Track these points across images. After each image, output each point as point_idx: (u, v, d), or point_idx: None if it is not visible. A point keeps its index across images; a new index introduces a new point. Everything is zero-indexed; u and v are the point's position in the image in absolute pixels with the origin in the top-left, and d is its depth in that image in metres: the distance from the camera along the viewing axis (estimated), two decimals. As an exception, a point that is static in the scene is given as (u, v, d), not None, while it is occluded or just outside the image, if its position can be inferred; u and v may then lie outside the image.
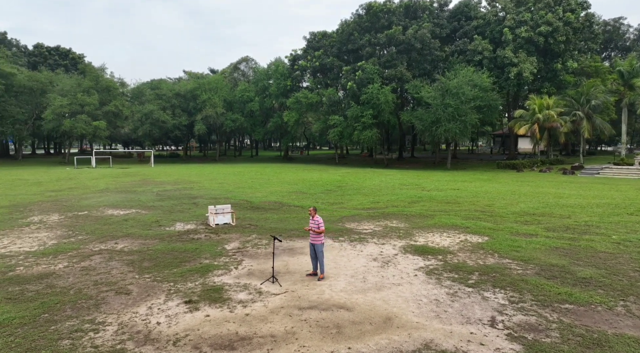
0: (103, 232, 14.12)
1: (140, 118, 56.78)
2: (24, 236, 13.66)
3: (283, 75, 59.49)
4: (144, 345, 6.33)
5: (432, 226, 15.05)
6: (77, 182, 31.37)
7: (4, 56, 61.63)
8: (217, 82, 61.89)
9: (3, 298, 8.17)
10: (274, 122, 59.94)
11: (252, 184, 29.13)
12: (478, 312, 7.65)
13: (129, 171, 43.43)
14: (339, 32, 56.22)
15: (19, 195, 23.73)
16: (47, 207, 19.55)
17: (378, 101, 45.80)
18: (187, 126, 60.32)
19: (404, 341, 6.57)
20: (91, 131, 53.07)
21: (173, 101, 60.41)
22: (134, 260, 10.82)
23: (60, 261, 10.75)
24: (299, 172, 40.16)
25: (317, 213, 9.85)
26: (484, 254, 11.43)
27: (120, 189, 26.87)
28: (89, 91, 55.70)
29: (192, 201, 21.29)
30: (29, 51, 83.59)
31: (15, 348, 6.19)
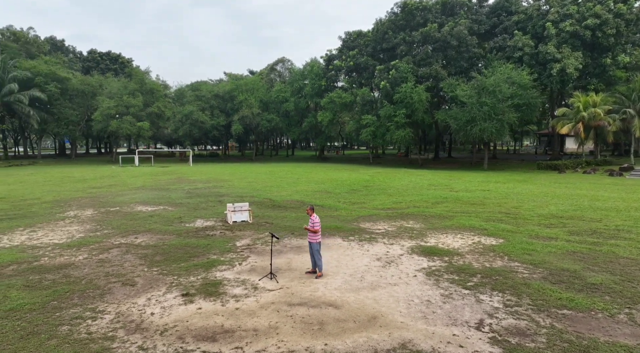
0: (127, 227, 14.94)
1: (181, 119, 59.03)
2: (57, 229, 14.71)
3: (318, 75, 59.88)
4: (133, 334, 6.73)
5: (448, 228, 14.76)
6: (118, 180, 33.17)
7: (61, 61, 66.14)
8: (253, 83, 63.23)
9: (22, 285, 8.91)
10: (308, 122, 60.45)
11: (280, 184, 29.61)
12: (467, 314, 7.50)
13: (168, 169, 45.35)
14: (373, 31, 55.90)
15: (64, 191, 25.45)
16: (85, 203, 20.88)
17: (411, 100, 45.11)
18: (224, 126, 62.07)
19: (381, 340, 6.59)
20: (135, 131, 55.84)
21: (212, 102, 62.34)
22: (147, 254, 11.41)
23: (82, 253, 11.53)
24: (330, 172, 40.31)
25: (317, 213, 9.97)
26: (494, 257, 11.11)
27: (155, 186, 28.16)
28: (134, 93, 58.63)
29: (218, 199, 21.99)
30: (83, 57, 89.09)
31: (19, 331, 6.77)
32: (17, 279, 9.30)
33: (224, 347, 6.31)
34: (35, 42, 71.31)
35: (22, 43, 68.93)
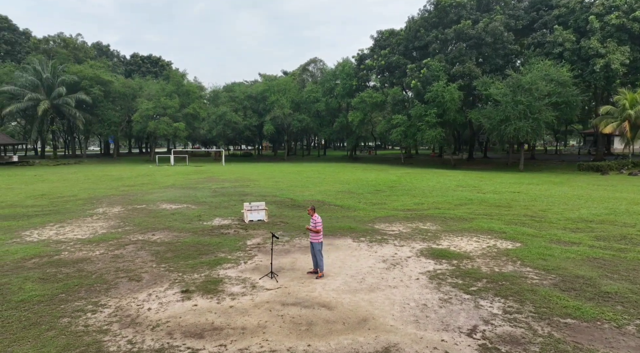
0: (148, 224, 15.50)
1: (215, 119, 60.53)
2: (84, 225, 15.47)
3: (349, 75, 59.72)
4: (126, 328, 6.98)
5: (465, 230, 14.33)
6: (152, 178, 34.46)
7: (105, 65, 69.45)
8: (285, 83, 63.88)
9: (38, 277, 9.45)
10: (339, 122, 60.40)
11: (305, 183, 29.75)
12: (461, 320, 7.26)
13: (200, 169, 46.63)
14: (406, 29, 55.07)
15: (99, 189, 26.74)
16: (115, 200, 21.83)
17: (443, 100, 44.09)
18: (257, 126, 63.09)
19: (366, 343, 6.50)
20: (172, 132, 57.81)
21: (245, 102, 63.53)
22: (160, 251, 11.79)
23: (99, 248, 12.07)
24: (358, 172, 40.09)
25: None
26: (506, 261, 10.68)
27: (185, 185, 29.04)
28: (171, 95, 60.71)
29: (241, 198, 22.37)
30: (126, 60, 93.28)
31: (24, 322, 7.18)
32: (35, 272, 9.87)
33: (209, 344, 6.42)
34: (83, 48, 75.30)
35: (71, 49, 72.97)
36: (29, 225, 15.53)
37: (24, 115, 63.07)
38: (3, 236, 13.65)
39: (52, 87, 58.66)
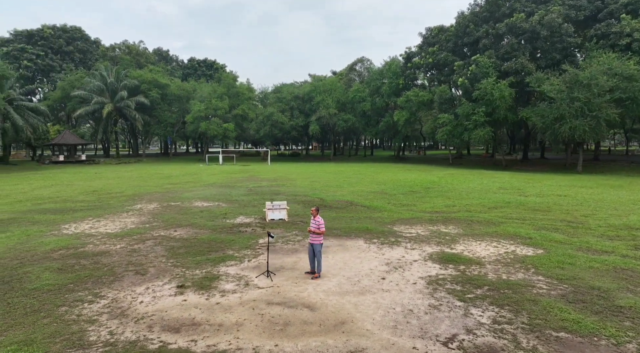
0: (174, 221, 16.23)
1: (262, 120, 62.03)
2: (117, 220, 16.52)
3: (396, 74, 58.73)
4: (113, 319, 7.38)
5: (488, 235, 13.61)
6: (197, 177, 36.01)
7: (163, 70, 73.57)
8: (331, 84, 64.06)
9: (57, 268, 10.23)
10: (385, 122, 59.55)
11: (341, 183, 29.67)
12: (443, 328, 6.93)
13: (246, 168, 48.01)
14: (455, 25, 53.17)
15: (145, 186, 28.38)
16: (155, 197, 23.07)
17: (492, 97, 42.03)
18: (303, 126, 63.81)
19: (334, 346, 6.40)
20: (221, 132, 60.02)
21: (292, 103, 64.52)
22: (174, 247, 12.31)
23: (122, 242, 12.83)
24: (399, 172, 39.32)
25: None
26: (518, 268, 10.02)
27: (224, 184, 30.04)
28: (222, 97, 63.03)
29: (272, 197, 22.74)
30: (184, 64, 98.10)
31: (27, 308, 7.82)
32: (57, 262, 10.70)
33: (181, 339, 6.63)
34: (144, 54, 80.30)
35: (134, 55, 78.07)
36: (71, 218, 16.84)
37: (92, 117, 68.32)
38: (45, 228, 14.92)
39: (116, 91, 63.06)
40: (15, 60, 71.51)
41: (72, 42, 78.93)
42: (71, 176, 37.53)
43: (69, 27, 79.71)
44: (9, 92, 55.16)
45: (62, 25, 79.40)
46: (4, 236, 13.66)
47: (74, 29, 79.58)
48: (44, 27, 77.06)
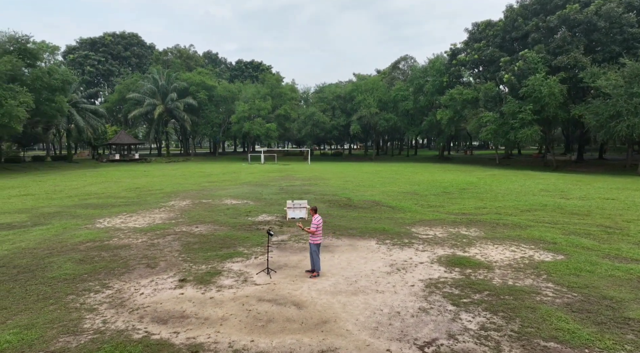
0: (199, 217, 16.86)
1: (304, 120, 62.69)
2: (148, 216, 17.42)
3: (439, 71, 57.21)
4: (111, 309, 7.84)
5: (509, 238, 12.99)
6: (235, 176, 37.08)
7: (210, 72, 76.36)
8: (373, 83, 63.52)
9: (79, 259, 11.00)
10: (428, 121, 58.17)
11: (374, 183, 29.40)
12: (425, 332, 6.75)
13: (285, 167, 48.76)
14: (504, 19, 50.87)
15: (184, 184, 29.65)
16: (190, 194, 24.05)
17: (540, 94, 39.79)
18: (344, 126, 63.76)
19: (308, 344, 6.43)
20: (264, 132, 61.37)
21: (333, 103, 64.67)
22: (190, 242, 12.81)
23: (144, 237, 13.54)
24: (438, 173, 38.29)
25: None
26: (529, 274, 9.51)
27: (258, 182, 30.72)
28: (265, 97, 64.42)
29: (301, 196, 22.94)
30: (232, 66, 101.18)
31: (40, 295, 8.48)
32: (81, 254, 11.49)
33: (165, 330, 6.93)
34: (194, 57, 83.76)
35: (184, 58, 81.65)
36: (108, 213, 17.98)
37: (145, 118, 72.25)
38: (82, 222, 16.05)
39: (166, 93, 66.29)
40: (80, 66, 77.20)
41: (129, 48, 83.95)
42: (121, 174, 39.97)
43: (127, 33, 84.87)
44: (72, 96, 59.67)
45: (121, 32, 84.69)
46: (45, 229, 14.85)
47: (131, 36, 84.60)
48: (105, 35, 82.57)
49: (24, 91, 42.11)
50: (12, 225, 15.70)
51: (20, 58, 45.80)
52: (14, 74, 43.43)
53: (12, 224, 15.93)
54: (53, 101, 49.28)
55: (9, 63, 42.29)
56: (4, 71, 41.50)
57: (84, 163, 60.32)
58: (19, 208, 19.52)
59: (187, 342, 6.50)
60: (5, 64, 41.90)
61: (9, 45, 48.44)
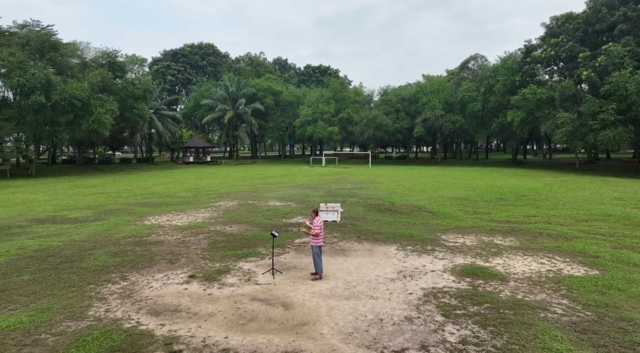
0: (237, 217, 17.62)
1: (367, 123, 62.38)
2: (192, 215, 18.57)
3: (511, 70, 53.75)
4: (118, 299, 8.54)
5: (545, 250, 11.98)
6: (291, 178, 37.99)
7: (277, 77, 79.00)
8: (439, 83, 61.43)
9: (114, 252, 12.09)
10: (498, 123, 54.81)
11: (425, 188, 28.49)
12: (398, 341, 6.55)
13: (343, 170, 48.90)
14: (587, 10, 46.56)
15: (240, 185, 31.05)
16: (241, 195, 25.17)
17: (626, 92, 35.73)
18: (408, 129, 62.34)
19: (276, 345, 6.54)
20: (326, 135, 62.09)
21: (397, 105, 63.56)
22: (217, 241, 13.47)
23: (179, 234, 14.48)
24: (501, 178, 36.02)
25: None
26: (547, 289, 8.74)
27: (310, 185, 31.22)
28: (329, 101, 65.17)
29: (345, 199, 22.98)
30: (300, 72, 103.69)
31: (68, 283, 9.47)
32: (118, 248, 12.63)
33: (154, 322, 7.43)
34: (263, 64, 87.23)
35: (254, 65, 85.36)
36: (160, 211, 19.46)
37: (217, 123, 76.64)
38: (133, 219, 17.57)
39: (236, 99, 69.78)
40: (162, 75, 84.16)
41: (205, 57, 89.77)
42: (189, 175, 42.86)
43: (204, 44, 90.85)
44: (153, 103, 65.22)
45: (199, 43, 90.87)
46: (100, 224, 16.50)
47: (207, 46, 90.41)
48: (185, 46, 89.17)
49: (110, 100, 46.96)
50: (77, 220, 17.63)
51: (110, 71, 51.12)
52: (104, 85, 48.54)
53: (78, 219, 17.90)
54: (136, 108, 54.30)
55: (99, 76, 47.38)
56: (95, 83, 46.57)
57: (163, 164, 65.47)
58: (89, 205, 21.83)
59: (167, 334, 6.93)
60: (96, 76, 47.04)
61: (102, 59, 54.38)
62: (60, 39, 50.15)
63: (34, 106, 41.23)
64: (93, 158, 63.76)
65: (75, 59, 52.53)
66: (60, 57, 47.60)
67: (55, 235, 14.55)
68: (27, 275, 10.05)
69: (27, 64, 42.00)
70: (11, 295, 8.74)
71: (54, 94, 42.46)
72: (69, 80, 46.09)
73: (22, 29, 48.87)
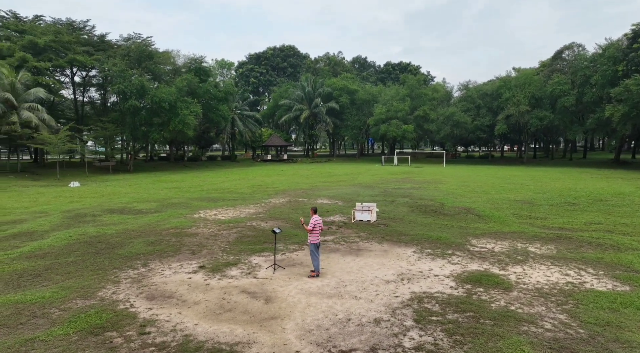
0: (278, 214, 18.26)
1: (443, 120, 59.85)
2: (239, 210, 19.62)
3: (613, 59, 47.71)
4: (128, 283, 9.49)
5: (581, 260, 10.82)
6: (355, 177, 38.00)
7: (354, 76, 79.20)
8: (525, 77, 56.66)
9: (151, 242, 13.36)
10: (595, 119, 49.08)
11: (489, 190, 26.73)
12: (351, 341, 6.55)
13: (413, 169, 47.55)
14: None
15: (300, 183, 31.85)
16: (295, 193, 25.90)
17: None
18: (489, 126, 58.47)
19: (234, 335, 6.88)
20: (400, 134, 60.81)
21: (478, 101, 60.00)
22: (245, 235, 14.18)
23: (215, 228, 15.48)
24: (585, 180, 32.38)
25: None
26: (550, 302, 7.95)
27: (369, 184, 30.99)
28: (404, 99, 63.73)
29: (395, 199, 22.52)
30: (380, 69, 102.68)
31: (98, 266, 10.75)
32: (157, 238, 13.92)
33: (144, 306, 8.19)
34: (341, 63, 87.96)
35: (332, 65, 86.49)
36: (213, 206, 20.88)
37: (295, 122, 79.16)
38: (186, 212, 19.12)
39: (312, 99, 71.44)
40: (246, 78, 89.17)
41: (286, 59, 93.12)
42: (260, 172, 45.01)
43: (285, 46, 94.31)
44: (235, 104, 69.45)
45: (281, 46, 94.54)
46: (156, 215, 18.24)
47: (288, 48, 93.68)
48: (267, 49, 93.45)
49: (194, 102, 51.16)
50: (141, 211, 19.68)
51: (196, 75, 55.65)
52: (190, 88, 52.97)
53: (142, 210, 19.96)
54: (218, 110, 58.44)
55: (185, 80, 51.82)
56: (181, 87, 51.03)
57: (244, 162, 69.45)
58: (158, 198, 24.16)
59: (148, 317, 7.62)
60: (182, 81, 51.52)
61: (190, 65, 59.42)
62: (157, 49, 55.98)
63: (130, 109, 46.56)
64: (183, 155, 69.87)
65: (169, 65, 58.12)
66: (154, 65, 52.90)
67: (115, 223, 16.44)
68: (73, 257, 11.61)
69: (126, 72, 47.46)
70: (50, 273, 10.21)
71: (146, 98, 47.47)
72: (159, 85, 51.24)
73: (127, 41, 55.48)
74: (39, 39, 44.47)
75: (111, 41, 55.40)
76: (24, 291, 8.92)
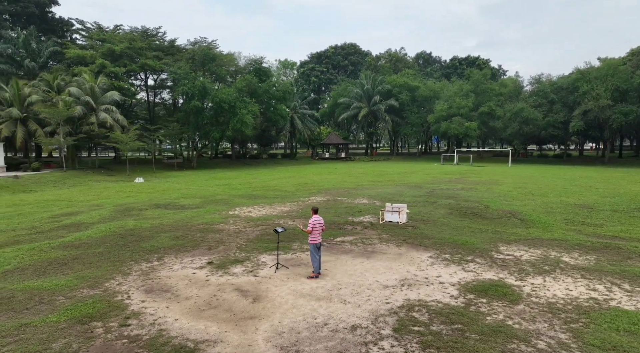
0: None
1: (510, 117, 56.04)
2: (275, 208, 19.79)
3: None
4: (135, 275, 9.92)
5: (617, 273, 9.61)
6: (407, 176, 36.85)
7: (415, 73, 76.93)
8: (608, 68, 51.15)
9: (176, 236, 13.92)
10: (691, 113, 43.15)
11: (547, 192, 24.53)
12: (316, 347, 6.34)
13: (471, 169, 45.06)
14: None
15: (347, 181, 31.53)
16: (336, 192, 25.66)
17: None
18: (563, 123, 53.61)
19: (206, 332, 6.92)
20: (463, 131, 57.95)
21: (551, 96, 55.33)
22: (267, 233, 14.27)
23: (242, 224, 15.76)
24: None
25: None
26: (557, 319, 7.09)
27: (419, 184, 29.85)
28: (468, 95, 60.64)
29: (438, 200, 21.46)
30: (446, 64, 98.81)
31: (120, 257, 11.38)
32: (185, 232, 14.49)
33: (139, 298, 8.50)
34: (403, 59, 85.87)
35: (394, 61, 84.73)
36: (251, 203, 21.33)
37: (354, 121, 78.71)
38: (223, 208, 19.73)
39: (371, 97, 70.52)
40: (307, 77, 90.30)
41: (347, 57, 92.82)
42: (312, 170, 45.32)
43: (346, 44, 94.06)
44: (294, 104, 70.62)
45: (342, 44, 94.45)
46: (194, 211, 19.04)
47: (349, 46, 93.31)
48: (329, 48, 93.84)
49: (252, 102, 52.82)
50: (183, 206, 20.66)
51: (256, 76, 57.44)
52: (249, 89, 54.78)
53: (185, 205, 20.95)
54: (276, 109, 59.81)
55: (244, 81, 53.68)
56: (241, 88, 52.92)
57: (302, 160, 70.41)
58: (204, 194, 25.23)
59: (136, 310, 7.91)
60: (241, 82, 53.44)
61: (250, 66, 61.48)
62: (221, 51, 58.68)
63: (193, 110, 49.20)
64: (245, 153, 72.49)
65: (232, 67, 60.61)
66: (217, 67, 55.40)
67: (154, 218, 17.40)
68: (102, 248, 12.45)
69: (190, 74, 50.25)
70: (75, 263, 11.02)
71: (208, 99, 49.90)
72: (221, 86, 53.61)
73: (194, 45, 58.78)
74: (115, 47, 48.57)
75: (180, 46, 58.96)
76: (44, 278, 9.71)
